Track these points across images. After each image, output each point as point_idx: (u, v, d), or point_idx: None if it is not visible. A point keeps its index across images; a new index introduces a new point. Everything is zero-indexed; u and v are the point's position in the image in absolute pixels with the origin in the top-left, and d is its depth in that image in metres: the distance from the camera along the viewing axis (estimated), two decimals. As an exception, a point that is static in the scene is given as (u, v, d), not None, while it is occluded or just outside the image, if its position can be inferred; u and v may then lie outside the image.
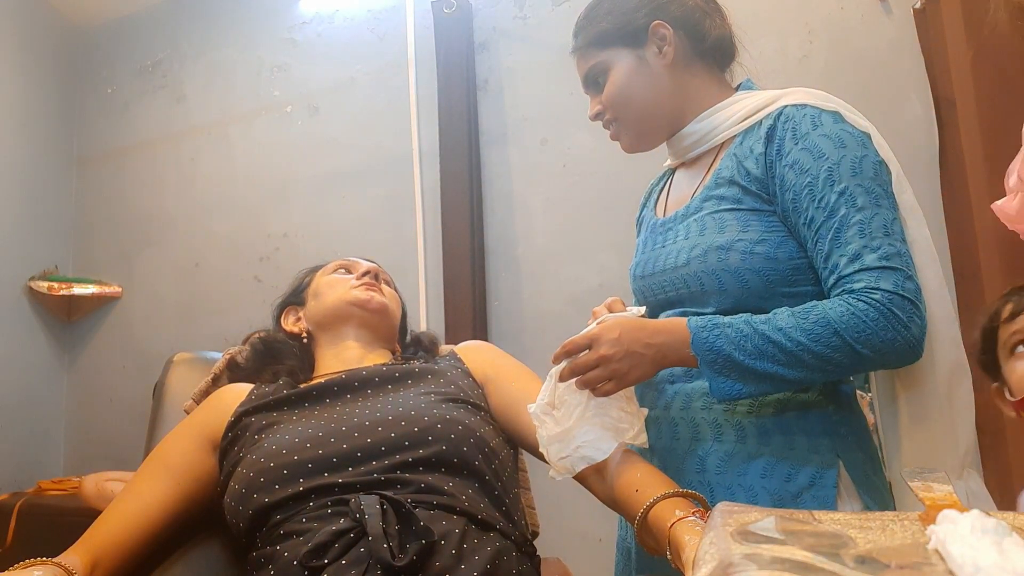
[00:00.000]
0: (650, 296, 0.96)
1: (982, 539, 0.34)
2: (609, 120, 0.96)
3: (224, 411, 0.94)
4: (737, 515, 0.42)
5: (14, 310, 2.65)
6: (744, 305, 0.82)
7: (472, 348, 1.09)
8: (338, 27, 2.56)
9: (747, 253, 0.82)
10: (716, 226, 0.86)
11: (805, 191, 0.80)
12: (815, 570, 0.33)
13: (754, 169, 0.85)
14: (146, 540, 0.85)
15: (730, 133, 0.90)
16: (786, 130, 0.83)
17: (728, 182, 0.87)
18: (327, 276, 1.12)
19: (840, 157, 0.79)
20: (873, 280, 0.74)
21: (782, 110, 0.85)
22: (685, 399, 0.87)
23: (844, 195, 0.78)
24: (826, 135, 0.81)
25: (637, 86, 0.93)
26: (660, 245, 0.94)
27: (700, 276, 0.86)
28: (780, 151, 0.83)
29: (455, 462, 0.84)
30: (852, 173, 0.78)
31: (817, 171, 0.79)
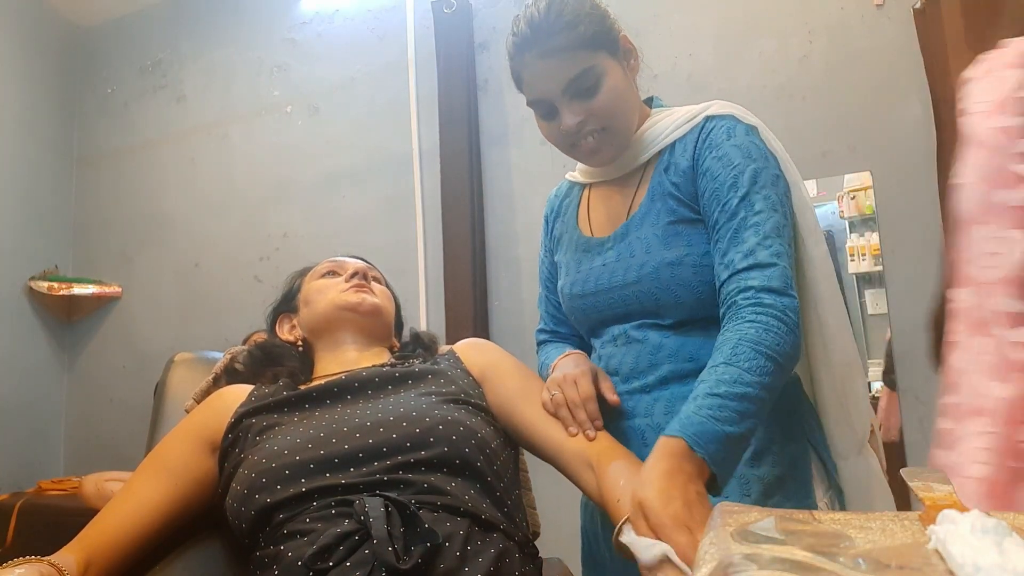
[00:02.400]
0: (593, 313, 0.98)
1: (982, 539, 0.34)
2: (592, 130, 0.92)
3: (224, 412, 0.94)
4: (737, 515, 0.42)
5: (14, 310, 2.66)
6: (698, 314, 0.89)
7: (471, 346, 1.09)
8: (338, 27, 2.56)
9: (697, 266, 0.88)
10: (661, 242, 0.90)
11: (714, 196, 0.87)
12: (815, 570, 0.33)
13: (682, 182, 0.91)
14: (142, 540, 0.84)
15: (658, 147, 0.94)
16: (705, 141, 0.90)
17: (664, 196, 0.92)
18: (316, 281, 1.11)
19: (745, 167, 0.86)
20: (765, 279, 0.80)
21: (704, 123, 0.92)
22: (667, 405, 0.89)
23: (745, 200, 0.85)
24: (736, 145, 0.88)
25: (628, 97, 0.94)
26: (600, 264, 0.97)
27: (655, 292, 0.90)
28: (698, 160, 0.90)
29: (457, 463, 0.84)
30: (752, 181, 0.86)
31: (724, 177, 0.87)
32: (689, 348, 0.90)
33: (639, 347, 0.93)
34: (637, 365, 0.92)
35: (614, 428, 0.91)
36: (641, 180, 0.96)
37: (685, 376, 0.89)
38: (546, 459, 0.92)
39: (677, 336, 0.91)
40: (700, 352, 0.88)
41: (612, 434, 0.89)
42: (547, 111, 0.93)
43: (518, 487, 0.96)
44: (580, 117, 0.91)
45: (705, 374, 0.78)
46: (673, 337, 0.91)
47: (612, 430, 0.90)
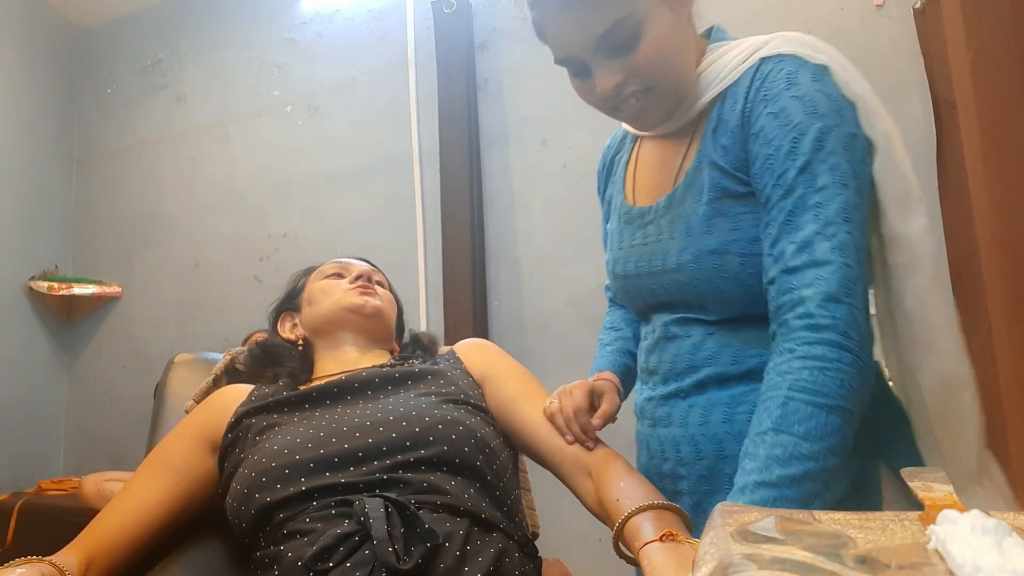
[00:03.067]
0: (638, 298, 0.87)
1: (982, 539, 0.34)
2: (634, 92, 0.74)
3: (224, 412, 0.94)
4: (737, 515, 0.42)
5: (14, 310, 2.66)
6: (749, 311, 0.74)
7: (470, 346, 1.09)
8: (338, 27, 2.56)
9: (745, 256, 0.72)
10: (703, 224, 0.74)
11: (767, 165, 0.69)
12: (815, 570, 0.33)
13: (730, 144, 0.73)
14: (143, 540, 0.84)
15: (709, 97, 0.76)
16: (758, 91, 0.71)
17: (710, 166, 0.75)
18: (320, 281, 1.11)
19: (808, 126, 0.67)
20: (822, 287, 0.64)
21: (759, 65, 0.72)
22: (703, 413, 0.78)
23: (805, 172, 0.67)
24: (798, 97, 0.68)
25: (678, 44, 0.74)
26: (641, 242, 0.83)
27: (696, 284, 0.75)
28: (750, 117, 0.71)
29: (456, 462, 0.84)
30: (816, 146, 0.67)
31: (780, 141, 0.68)
32: (733, 349, 0.76)
33: (678, 345, 0.81)
34: (675, 366, 0.81)
35: (648, 436, 0.86)
36: (693, 136, 0.78)
37: (726, 380, 0.76)
38: (543, 463, 0.92)
39: (722, 334, 0.77)
40: (745, 354, 0.75)
41: (645, 443, 0.86)
42: (578, 69, 0.76)
43: (517, 487, 0.96)
44: (618, 78, 0.73)
45: (751, 444, 0.64)
46: (717, 335, 0.77)
47: (646, 438, 0.86)
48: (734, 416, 0.75)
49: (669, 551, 0.64)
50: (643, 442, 0.88)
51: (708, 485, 0.77)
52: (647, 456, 0.87)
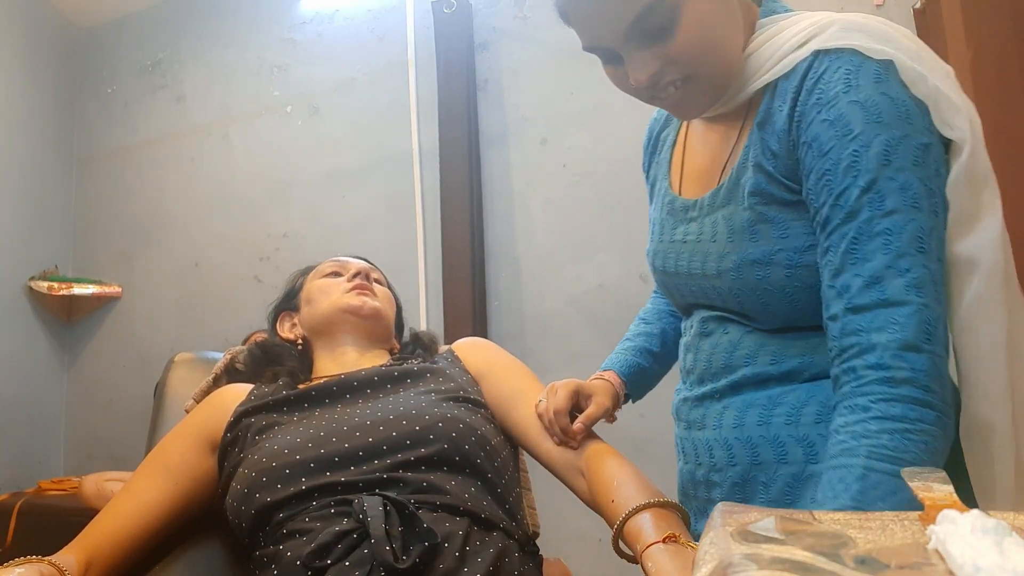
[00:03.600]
0: (678, 295, 0.81)
1: (982, 539, 0.34)
2: (672, 81, 0.67)
3: (224, 411, 0.94)
4: (737, 515, 0.42)
5: (14, 310, 2.66)
6: (798, 322, 0.68)
7: (468, 345, 1.09)
8: (338, 27, 2.56)
9: (792, 267, 0.65)
10: (746, 231, 0.67)
11: (823, 181, 0.61)
12: (815, 570, 0.33)
13: (777, 148, 0.65)
14: (142, 540, 0.84)
15: (759, 84, 0.67)
16: (811, 92, 0.62)
17: (754, 166, 0.67)
18: (318, 280, 1.11)
19: (872, 136, 0.59)
20: (897, 333, 0.56)
21: (812, 60, 0.63)
22: (737, 415, 0.72)
23: (869, 192, 0.58)
24: (858, 102, 0.59)
25: (722, 26, 0.66)
26: (681, 238, 0.76)
27: (738, 294, 0.69)
28: (802, 122, 0.63)
29: (457, 460, 0.84)
30: (883, 161, 0.58)
31: (839, 154, 0.60)
32: (773, 348, 0.70)
33: (714, 342, 0.75)
34: (710, 365, 0.75)
35: (683, 439, 0.80)
36: (743, 126, 0.71)
37: (764, 381, 0.70)
38: (539, 461, 0.92)
39: (762, 333, 0.71)
40: (785, 354, 0.69)
41: (681, 446, 0.82)
42: (609, 57, 0.69)
43: (518, 485, 0.96)
44: (652, 67, 0.65)
45: None
46: (756, 333, 0.71)
47: (681, 442, 0.81)
48: (770, 419, 0.69)
49: (673, 553, 0.64)
50: (679, 446, 0.82)
51: (741, 493, 0.71)
52: (683, 461, 0.81)
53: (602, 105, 2.08)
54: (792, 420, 0.67)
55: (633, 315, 1.03)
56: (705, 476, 0.75)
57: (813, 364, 0.67)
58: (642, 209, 2.08)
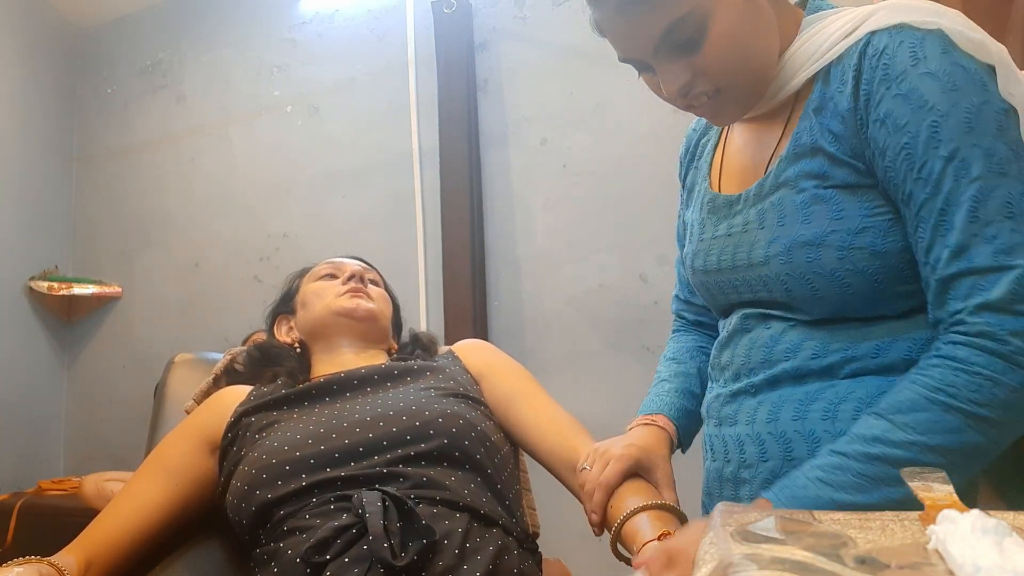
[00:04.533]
0: (720, 296, 0.78)
1: (982, 539, 0.34)
2: (703, 92, 0.67)
3: (223, 412, 0.95)
4: (737, 515, 0.42)
5: (14, 310, 2.66)
6: (847, 312, 0.66)
7: (469, 346, 1.10)
8: (338, 27, 2.56)
9: (845, 249, 0.63)
10: (799, 213, 0.66)
11: (901, 156, 0.60)
12: (815, 570, 0.33)
13: (841, 130, 0.64)
14: (143, 541, 0.85)
15: (806, 76, 0.67)
16: (875, 69, 0.61)
17: (811, 150, 0.66)
18: (313, 283, 1.11)
19: (950, 106, 0.58)
20: (983, 295, 0.55)
21: (868, 39, 0.63)
22: (771, 410, 0.70)
23: (953, 161, 0.57)
24: (930, 73, 0.59)
25: (753, 35, 0.66)
26: (725, 232, 0.75)
27: (785, 280, 0.67)
28: (869, 100, 0.62)
29: (457, 456, 0.84)
30: (965, 129, 0.57)
31: (917, 127, 0.59)
32: (816, 343, 0.68)
33: (754, 337, 0.73)
34: (748, 360, 0.73)
35: (713, 436, 0.78)
36: (789, 118, 0.71)
37: (803, 376, 0.68)
38: (538, 461, 0.93)
39: (805, 327, 0.69)
40: (828, 348, 0.67)
41: (709, 444, 0.78)
42: (643, 67, 0.70)
43: (517, 482, 0.96)
44: (682, 80, 0.66)
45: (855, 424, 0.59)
46: (800, 327, 0.69)
47: (710, 439, 0.78)
48: (806, 414, 0.67)
49: None
50: (708, 443, 0.80)
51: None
52: (711, 459, 0.78)
53: (602, 105, 2.08)
54: (829, 416, 0.65)
55: (633, 315, 1.02)
56: (734, 473, 0.73)
57: (855, 359, 0.66)
58: (642, 209, 2.07)
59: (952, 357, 0.56)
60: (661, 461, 0.79)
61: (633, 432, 0.83)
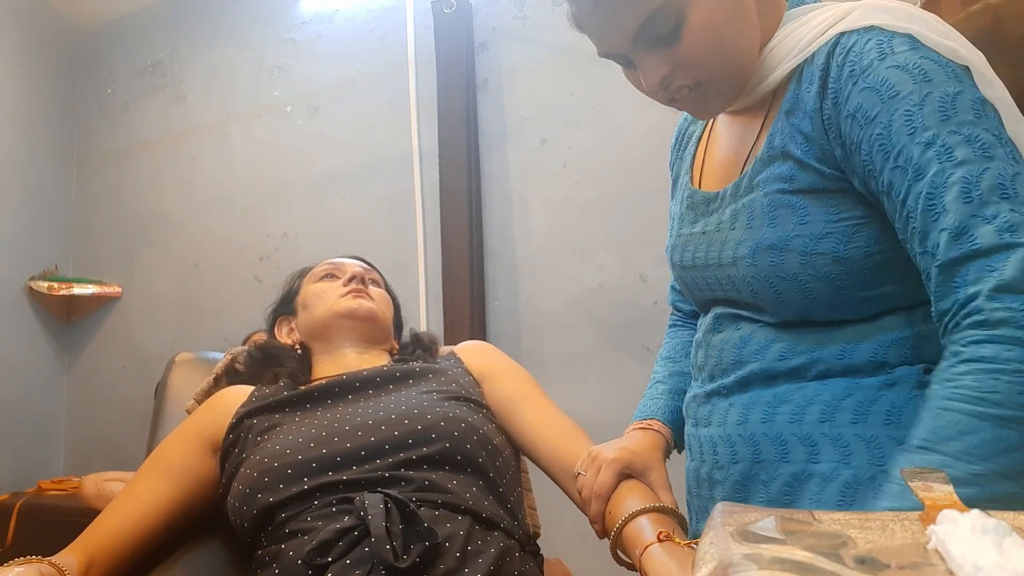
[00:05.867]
0: (695, 290, 0.79)
1: (982, 539, 0.34)
2: (683, 85, 0.66)
3: (225, 413, 0.95)
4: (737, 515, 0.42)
5: (14, 310, 2.66)
6: (810, 315, 0.66)
7: (470, 348, 1.10)
8: (338, 27, 2.56)
9: (807, 254, 0.63)
10: (765, 216, 0.65)
11: (876, 146, 0.58)
12: (815, 570, 0.33)
13: (810, 131, 0.63)
14: (143, 541, 0.85)
15: (783, 72, 0.66)
16: (842, 67, 0.60)
17: (781, 154, 0.66)
18: (313, 284, 1.11)
19: (923, 95, 0.56)
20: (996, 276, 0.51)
21: (837, 39, 0.62)
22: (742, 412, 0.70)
23: (933, 147, 0.55)
24: (899, 66, 0.57)
25: (732, 28, 0.65)
26: (700, 230, 0.75)
27: (751, 283, 0.67)
28: (837, 98, 0.61)
29: (458, 459, 0.84)
30: (942, 117, 0.55)
31: (889, 116, 0.57)
32: (782, 344, 0.68)
33: (724, 338, 0.74)
34: (720, 361, 0.74)
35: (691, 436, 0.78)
36: (766, 117, 0.69)
37: (772, 378, 0.68)
38: (538, 465, 0.93)
39: (772, 329, 0.69)
40: (795, 350, 0.67)
41: (688, 444, 0.79)
42: (625, 62, 0.69)
43: (519, 485, 0.96)
44: (662, 72, 0.65)
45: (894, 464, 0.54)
46: (768, 329, 0.69)
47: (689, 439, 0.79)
48: (774, 416, 0.67)
49: (670, 551, 0.64)
50: (687, 443, 0.80)
51: (742, 492, 0.69)
52: (689, 458, 0.79)
53: (602, 105, 2.08)
54: (796, 418, 0.65)
55: (633, 315, 1.02)
56: (708, 474, 0.74)
57: (821, 360, 0.66)
58: (642, 209, 2.07)
59: (980, 358, 0.52)
60: (655, 464, 0.79)
61: (628, 436, 0.84)
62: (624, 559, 0.71)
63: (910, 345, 0.62)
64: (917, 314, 0.63)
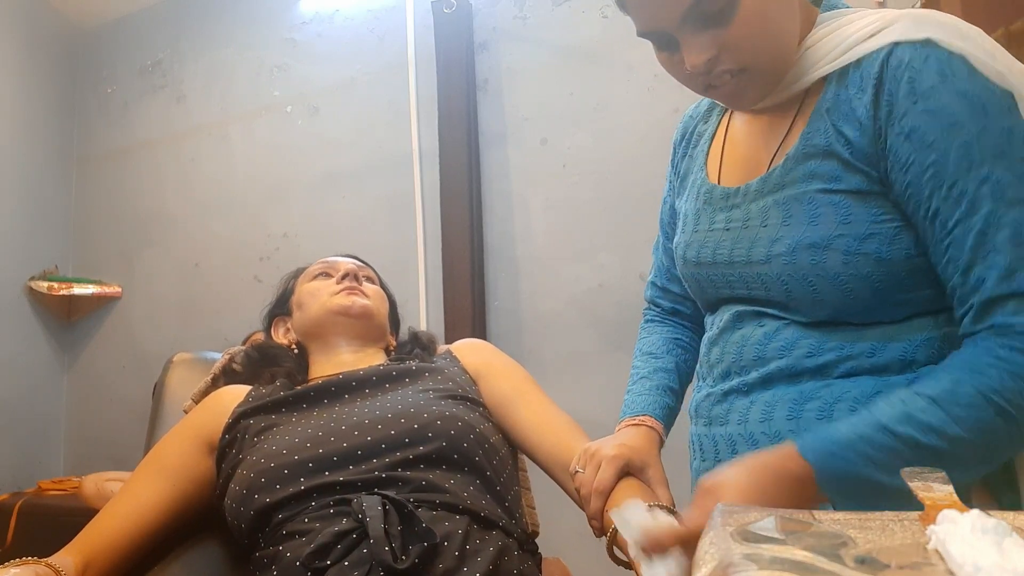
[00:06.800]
0: (710, 289, 0.77)
1: (982, 539, 0.34)
2: (727, 70, 0.66)
3: (222, 412, 0.94)
4: (737, 515, 0.42)
5: (14, 310, 2.65)
6: (844, 316, 0.66)
7: (467, 345, 1.09)
8: (338, 27, 2.56)
9: (851, 254, 0.63)
10: (806, 214, 0.65)
11: (928, 173, 0.59)
12: (815, 570, 0.33)
13: (857, 137, 0.63)
14: (141, 541, 0.84)
15: (821, 73, 0.66)
16: (899, 82, 0.60)
17: (823, 152, 0.65)
18: (308, 284, 1.11)
19: (980, 128, 0.57)
20: None
21: (892, 50, 0.61)
22: (765, 410, 0.69)
23: (988, 183, 0.57)
24: (960, 93, 0.58)
25: (780, 17, 0.65)
26: (723, 226, 0.74)
27: (786, 281, 0.67)
28: (892, 112, 0.61)
29: (456, 458, 0.84)
30: (997, 152, 0.57)
31: (946, 145, 0.58)
32: (811, 341, 0.67)
33: (746, 334, 0.72)
34: (740, 357, 0.72)
35: (702, 436, 0.77)
36: (797, 115, 0.69)
37: (798, 375, 0.68)
38: (536, 463, 0.92)
39: (800, 327, 0.68)
40: (823, 347, 0.67)
41: (699, 444, 0.78)
42: (664, 42, 0.68)
43: (517, 483, 0.96)
44: (708, 53, 0.64)
45: (896, 397, 0.58)
46: (794, 326, 0.69)
47: (699, 439, 0.78)
48: (801, 413, 0.66)
49: None
50: (696, 444, 0.79)
51: None
52: (700, 459, 0.78)
53: (602, 105, 2.08)
54: (824, 415, 0.65)
55: (633, 315, 1.01)
56: None
57: (850, 358, 0.65)
58: (642, 209, 2.07)
59: (1009, 361, 0.56)
60: (653, 460, 0.79)
61: (623, 432, 0.83)
62: (621, 558, 0.71)
63: (937, 346, 0.64)
64: (943, 316, 0.65)
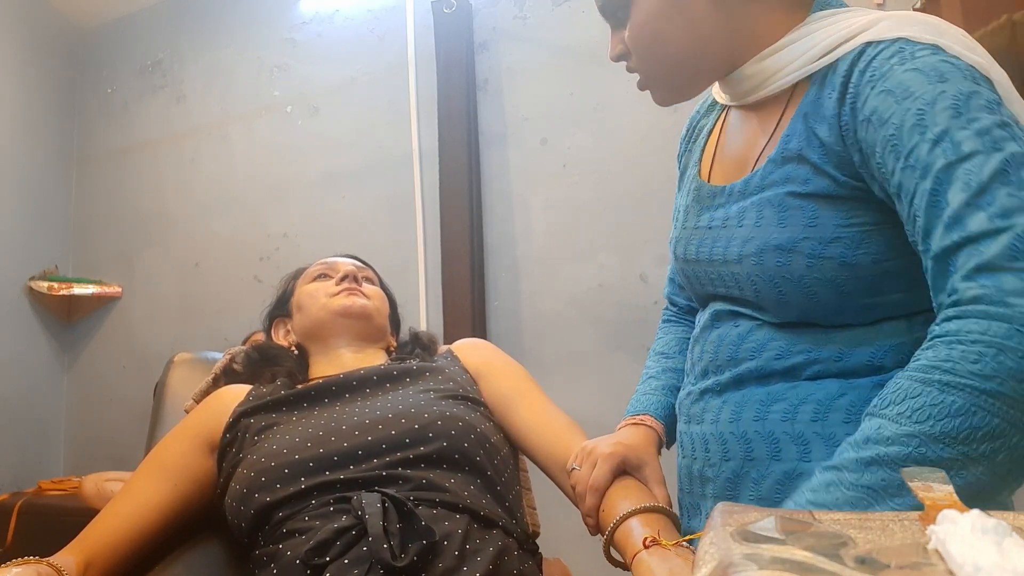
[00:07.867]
0: (696, 284, 0.78)
1: (982, 539, 0.34)
2: (635, 68, 0.71)
3: (222, 412, 0.94)
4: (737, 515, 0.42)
5: (14, 310, 2.66)
6: (811, 318, 0.65)
7: (467, 345, 1.09)
8: (338, 27, 2.56)
9: (814, 257, 0.62)
10: (776, 216, 0.65)
11: (888, 147, 0.56)
12: (815, 570, 0.33)
13: (827, 137, 0.62)
14: (141, 541, 0.84)
15: (801, 74, 0.65)
16: (863, 73, 0.59)
17: (797, 157, 0.65)
18: (307, 285, 1.11)
19: (936, 94, 0.54)
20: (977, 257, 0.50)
21: (863, 49, 0.60)
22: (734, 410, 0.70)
23: (941, 143, 0.53)
24: (916, 69, 0.56)
25: (670, 25, 0.67)
26: (706, 224, 0.74)
27: (755, 281, 0.67)
28: (855, 104, 0.60)
29: (456, 458, 0.84)
30: (953, 113, 0.53)
31: (901, 117, 0.55)
32: (780, 343, 0.67)
33: (722, 335, 0.73)
34: (716, 358, 0.73)
35: (683, 433, 0.78)
36: (783, 115, 0.68)
37: (767, 376, 0.68)
38: (535, 463, 0.92)
39: (772, 328, 0.68)
40: (792, 349, 0.66)
41: (681, 441, 0.78)
42: None
43: (517, 483, 0.96)
44: (618, 48, 0.70)
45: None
46: (766, 328, 0.69)
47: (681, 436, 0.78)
48: (767, 415, 0.67)
49: (660, 559, 0.63)
50: (679, 440, 0.80)
51: (733, 489, 0.69)
52: (681, 455, 0.79)
53: (602, 105, 2.08)
54: (788, 417, 0.65)
55: (633, 315, 1.02)
56: (700, 471, 0.73)
57: (817, 361, 0.65)
58: (642, 209, 2.07)
59: (944, 333, 0.51)
60: (650, 459, 0.79)
61: (621, 431, 0.84)
62: (617, 558, 0.71)
63: (907, 351, 0.60)
64: (917, 320, 0.63)
